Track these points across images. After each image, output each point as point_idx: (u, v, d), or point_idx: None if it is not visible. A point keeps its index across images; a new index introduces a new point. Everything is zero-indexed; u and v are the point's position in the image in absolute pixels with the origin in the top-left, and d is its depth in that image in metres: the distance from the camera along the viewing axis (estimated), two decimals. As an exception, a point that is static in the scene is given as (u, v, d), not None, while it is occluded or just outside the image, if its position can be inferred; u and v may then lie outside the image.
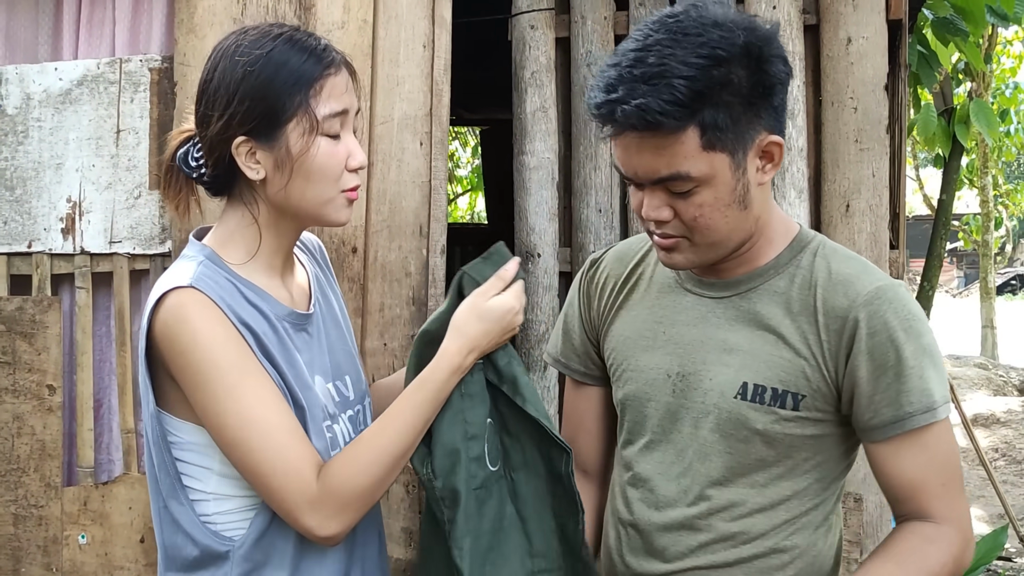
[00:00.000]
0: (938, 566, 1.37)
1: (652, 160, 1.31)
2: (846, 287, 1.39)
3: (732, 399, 1.42)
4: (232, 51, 1.49)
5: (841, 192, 2.25)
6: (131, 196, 2.64)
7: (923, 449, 1.38)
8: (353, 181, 1.51)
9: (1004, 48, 12.58)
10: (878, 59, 2.24)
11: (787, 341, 1.40)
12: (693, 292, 1.50)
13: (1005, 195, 15.08)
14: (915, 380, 1.35)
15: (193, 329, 1.39)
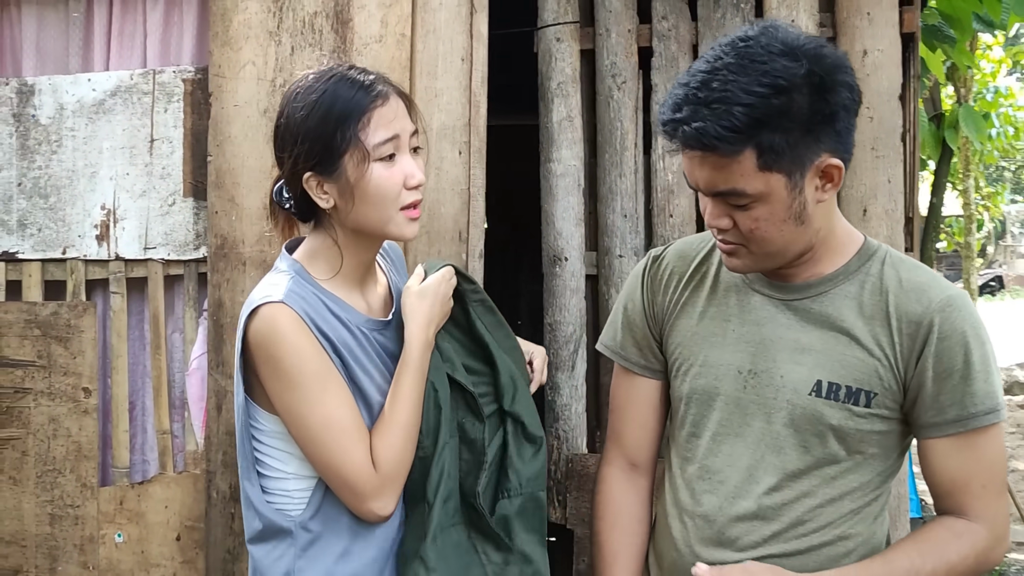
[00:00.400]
0: (957, 558, 1.47)
1: (711, 175, 1.41)
2: (919, 294, 1.49)
3: (807, 396, 1.50)
4: (292, 98, 1.67)
5: (859, 198, 2.35)
6: (165, 203, 2.72)
7: (973, 450, 1.48)
8: (411, 198, 1.65)
9: (984, 52, 12.76)
10: (892, 71, 2.34)
11: (860, 342, 1.49)
12: (762, 293, 1.57)
13: (986, 197, 15.31)
14: (980, 383, 1.46)
15: (283, 342, 1.58)
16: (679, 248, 1.73)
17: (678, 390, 1.66)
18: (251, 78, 2.54)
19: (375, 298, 1.78)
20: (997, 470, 1.51)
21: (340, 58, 2.44)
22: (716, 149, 1.37)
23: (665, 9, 2.46)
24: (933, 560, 1.47)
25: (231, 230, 2.57)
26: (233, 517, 2.58)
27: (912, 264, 1.56)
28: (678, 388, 1.65)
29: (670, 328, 1.68)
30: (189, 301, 2.74)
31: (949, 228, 14.29)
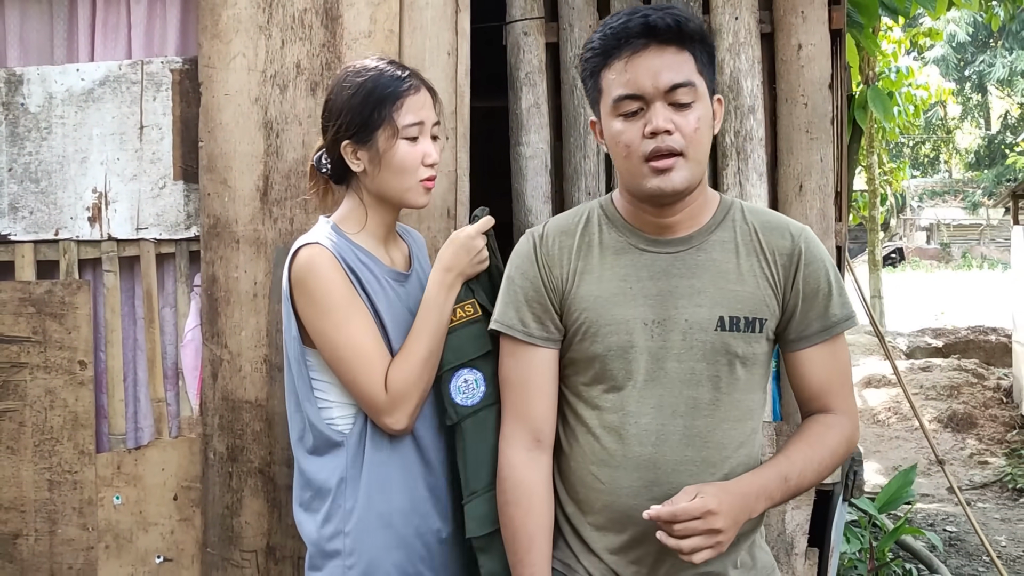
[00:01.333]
0: (835, 443, 1.77)
1: (668, 70, 1.65)
2: (781, 231, 1.79)
3: (713, 332, 1.73)
4: (341, 79, 2.07)
5: (795, 175, 2.66)
6: (156, 186, 2.89)
7: (833, 355, 1.80)
8: (427, 173, 2.05)
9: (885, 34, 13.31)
10: (823, 62, 2.65)
11: (745, 278, 1.76)
12: (649, 251, 1.76)
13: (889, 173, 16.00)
14: (836, 297, 1.78)
15: (318, 274, 1.94)
16: (557, 224, 1.88)
17: (587, 351, 1.78)
18: (241, 69, 2.73)
19: (398, 256, 2.14)
20: (848, 370, 1.82)
21: (330, 52, 2.65)
22: (680, 35, 1.65)
23: (622, 6, 2.73)
24: (820, 449, 1.76)
25: (224, 210, 2.77)
26: (231, 476, 2.79)
27: (761, 208, 1.88)
28: (587, 349, 1.78)
29: (572, 297, 1.80)
30: (181, 278, 2.92)
31: (855, 203, 14.92)
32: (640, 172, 1.69)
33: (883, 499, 4.43)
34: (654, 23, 1.65)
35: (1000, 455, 8.34)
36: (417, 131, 2.01)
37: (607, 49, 1.68)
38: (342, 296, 1.93)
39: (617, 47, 1.66)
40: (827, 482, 2.66)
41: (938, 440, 8.77)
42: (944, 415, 9.10)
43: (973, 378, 10.00)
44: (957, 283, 23.80)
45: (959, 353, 11.56)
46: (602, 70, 1.70)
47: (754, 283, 1.75)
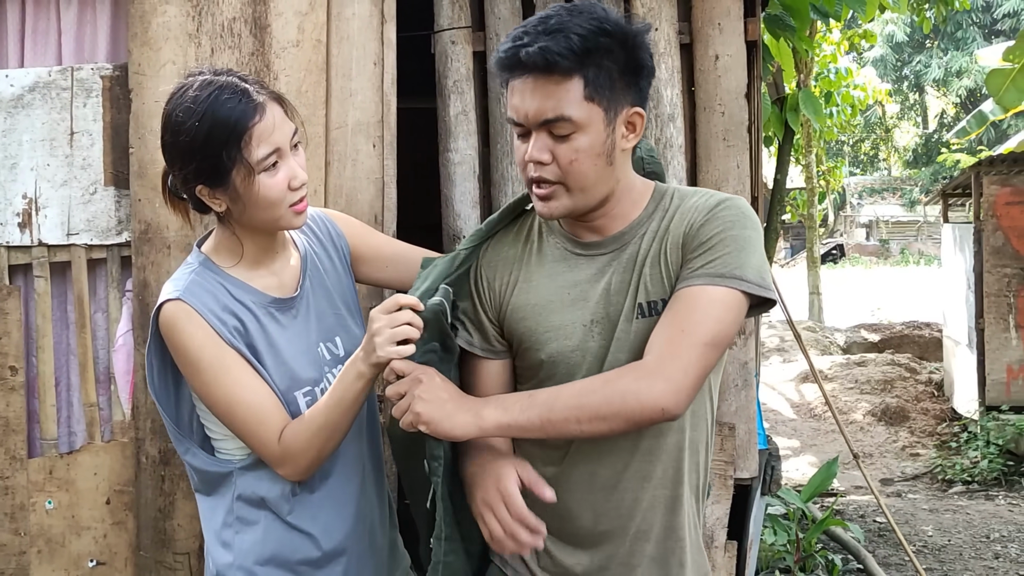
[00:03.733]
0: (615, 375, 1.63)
1: (542, 102, 1.61)
2: (700, 204, 1.72)
3: (635, 320, 1.71)
4: (174, 115, 1.83)
5: (713, 181, 2.76)
6: (87, 192, 2.91)
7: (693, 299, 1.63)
8: (296, 196, 1.86)
9: (824, 36, 13.57)
10: (739, 72, 2.74)
11: (661, 260, 1.71)
12: (584, 254, 1.77)
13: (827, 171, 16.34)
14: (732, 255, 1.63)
15: (182, 334, 1.82)
16: (498, 237, 1.89)
17: (533, 359, 1.79)
18: (172, 76, 2.76)
19: (287, 276, 1.99)
20: (705, 326, 1.60)
21: (259, 60, 2.69)
22: (555, 67, 1.56)
23: (546, 16, 2.81)
24: (591, 378, 1.66)
25: (155, 216, 2.79)
26: (163, 479, 2.82)
27: (693, 189, 1.81)
28: (532, 357, 1.79)
29: (507, 308, 1.82)
30: (112, 283, 2.94)
31: (794, 201, 15.21)
32: (531, 193, 1.72)
33: (809, 491, 4.57)
34: (523, 59, 1.59)
35: (931, 447, 8.58)
36: (275, 157, 1.81)
37: (499, 71, 1.66)
38: (209, 353, 1.82)
39: (503, 71, 1.65)
40: (745, 476, 2.76)
41: (872, 433, 9.01)
42: (878, 409, 9.33)
43: (906, 372, 10.26)
44: (895, 279, 24.31)
45: (894, 348, 11.85)
46: (501, 84, 1.71)
47: (666, 262, 1.71)
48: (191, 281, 1.86)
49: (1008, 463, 7.50)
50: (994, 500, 7.00)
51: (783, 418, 9.64)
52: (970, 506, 6.83)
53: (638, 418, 1.60)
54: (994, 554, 5.67)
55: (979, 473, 7.50)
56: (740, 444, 2.74)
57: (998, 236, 8.06)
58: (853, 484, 7.51)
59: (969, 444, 8.09)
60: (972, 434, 8.17)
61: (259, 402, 1.84)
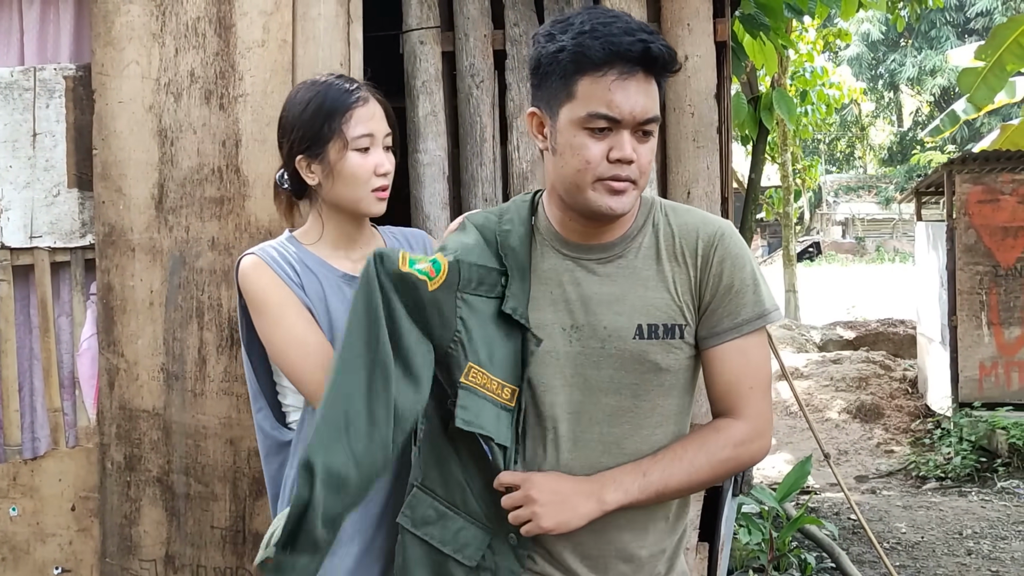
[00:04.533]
0: (716, 447, 1.70)
1: (647, 101, 1.62)
2: (697, 233, 1.75)
3: (632, 340, 1.71)
4: (292, 96, 2.14)
5: (683, 182, 2.75)
6: (50, 194, 2.86)
7: (744, 354, 1.71)
8: (379, 183, 2.08)
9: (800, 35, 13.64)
10: (709, 73, 2.73)
11: (665, 285, 1.73)
12: (572, 256, 1.75)
13: (803, 170, 16.41)
14: (750, 295, 1.71)
15: (252, 280, 2.03)
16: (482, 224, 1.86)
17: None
18: (135, 76, 2.72)
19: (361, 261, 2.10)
20: (762, 373, 1.74)
21: (224, 61, 2.65)
22: (671, 68, 1.64)
23: (516, 17, 2.78)
24: (693, 449, 1.69)
25: (119, 219, 2.75)
26: (129, 485, 2.78)
27: (682, 208, 1.83)
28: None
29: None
30: (76, 286, 2.90)
31: (770, 199, 15.27)
32: (590, 188, 1.66)
33: (783, 490, 4.58)
34: (656, 54, 1.60)
35: (905, 444, 8.64)
36: (368, 142, 2.05)
37: (596, 60, 1.59)
38: (276, 297, 2.01)
39: (607, 62, 1.59)
40: (716, 479, 2.75)
41: (847, 430, 9.05)
42: (853, 406, 9.38)
43: (881, 370, 10.32)
44: (871, 276, 24.46)
45: (869, 345, 11.92)
46: (580, 76, 1.62)
47: (673, 289, 1.73)
48: (268, 246, 2.10)
49: (981, 459, 7.56)
50: (967, 496, 7.05)
51: (759, 416, 9.66)
52: (943, 502, 6.88)
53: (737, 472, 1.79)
54: (966, 550, 5.70)
55: (952, 470, 7.55)
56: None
57: (970, 234, 8.11)
58: (828, 481, 7.54)
59: (942, 441, 8.15)
60: (945, 431, 8.23)
61: (316, 342, 1.99)
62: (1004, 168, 8.14)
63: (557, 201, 1.76)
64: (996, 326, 8.12)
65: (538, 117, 1.72)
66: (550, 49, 1.64)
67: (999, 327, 8.12)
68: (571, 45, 1.61)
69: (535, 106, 1.72)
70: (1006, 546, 5.77)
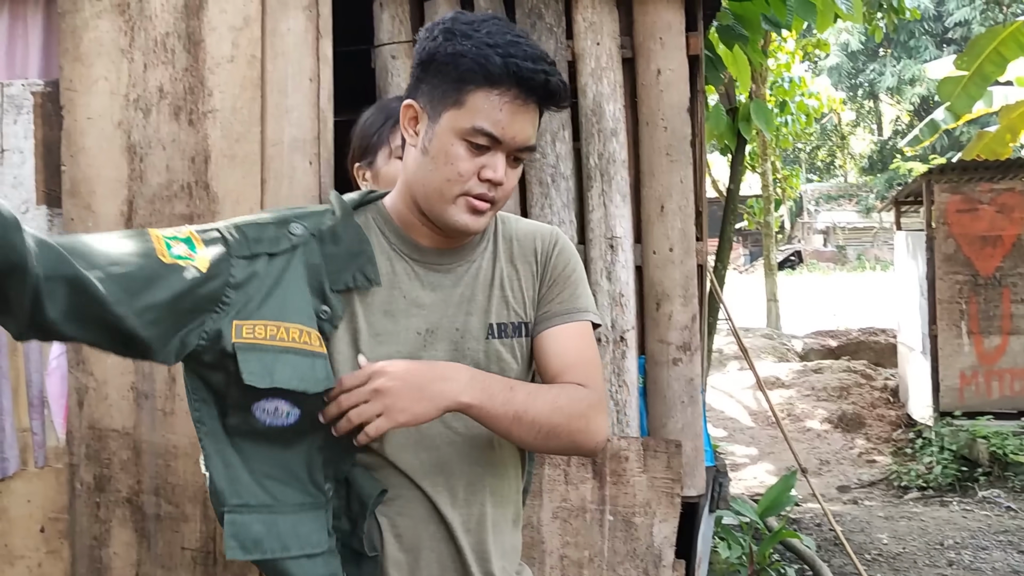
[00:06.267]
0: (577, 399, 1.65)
1: (531, 130, 1.61)
2: (534, 236, 1.77)
3: (485, 340, 1.70)
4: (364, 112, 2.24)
5: (656, 196, 2.74)
6: (18, 212, 2.82)
7: (580, 338, 1.73)
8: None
9: (780, 45, 13.71)
10: (682, 87, 2.73)
11: (509, 284, 1.73)
12: (422, 261, 1.70)
13: (783, 179, 16.47)
14: (582, 289, 1.76)
15: None
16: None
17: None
18: (104, 92, 2.69)
19: None
20: (596, 364, 1.74)
21: (193, 76, 2.63)
22: (561, 104, 1.62)
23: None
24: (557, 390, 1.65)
25: (88, 236, 2.72)
26: (99, 506, 2.74)
27: (514, 217, 1.84)
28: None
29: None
30: (45, 304, 2.86)
31: (751, 208, 15.31)
32: (453, 201, 1.61)
33: (765, 504, 4.56)
34: (553, 89, 1.58)
35: (887, 453, 8.65)
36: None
37: (495, 77, 1.55)
38: None
39: (505, 82, 1.55)
40: (692, 494, 2.74)
41: (829, 440, 9.06)
42: (834, 416, 9.39)
43: (862, 379, 10.34)
44: (852, 285, 24.55)
45: (851, 354, 11.94)
46: (475, 87, 1.57)
47: (518, 288, 1.74)
48: None
49: (962, 469, 7.57)
50: (948, 506, 7.06)
51: (741, 426, 9.67)
52: (925, 512, 6.88)
53: (580, 444, 1.66)
54: (948, 561, 5.70)
55: (934, 479, 7.55)
56: (687, 461, 2.72)
57: (950, 243, 8.14)
58: (810, 492, 7.53)
59: (924, 450, 8.16)
60: (927, 440, 8.24)
61: None
62: (982, 178, 8.19)
63: (409, 202, 1.68)
64: (976, 335, 8.15)
65: (415, 111, 1.64)
66: (448, 49, 1.57)
67: (979, 336, 8.15)
68: (473, 54, 1.55)
69: (414, 99, 1.64)
70: (987, 556, 5.77)
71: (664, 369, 2.75)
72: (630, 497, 2.69)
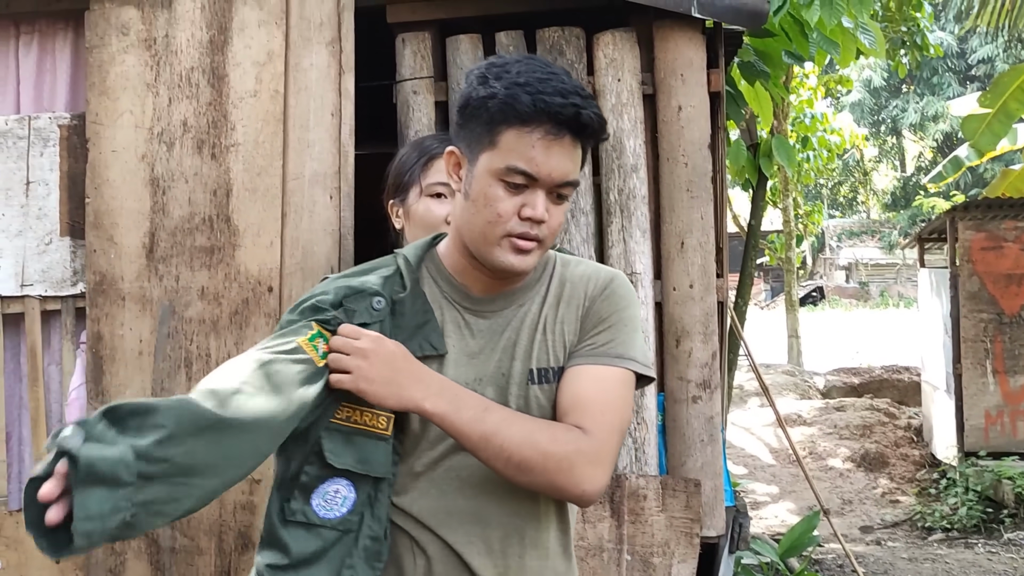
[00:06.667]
0: (561, 440, 1.57)
1: (569, 165, 1.57)
2: (588, 279, 1.70)
3: (527, 385, 1.65)
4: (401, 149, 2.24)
5: (677, 232, 2.73)
6: (42, 242, 2.85)
7: (602, 381, 1.63)
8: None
9: (801, 81, 13.70)
10: (703, 123, 2.73)
11: (557, 329, 1.68)
12: (473, 309, 1.68)
13: (805, 215, 16.41)
14: (626, 336, 1.65)
15: None
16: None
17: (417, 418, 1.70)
18: (129, 126, 2.72)
19: None
20: (618, 410, 1.63)
21: (216, 111, 2.65)
22: (599, 136, 1.59)
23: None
24: (540, 426, 1.59)
25: (110, 267, 2.74)
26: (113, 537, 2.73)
27: (575, 259, 1.79)
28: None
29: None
30: (67, 335, 2.88)
31: (771, 244, 15.26)
32: (497, 243, 1.61)
33: (786, 544, 4.50)
34: (586, 121, 1.56)
35: (911, 493, 8.52)
36: (442, 190, 2.08)
37: (524, 115, 1.55)
38: None
39: (536, 119, 1.55)
40: (711, 534, 2.70)
41: (851, 479, 8.94)
42: (857, 454, 9.27)
43: (885, 417, 10.22)
44: (875, 322, 24.37)
45: (873, 392, 11.81)
46: (506, 127, 1.57)
47: (560, 332, 1.68)
48: None
49: (987, 510, 7.44)
50: (973, 548, 6.93)
51: (761, 463, 9.57)
52: (949, 554, 6.76)
53: (560, 489, 1.58)
54: (972, 605, 5.60)
55: (958, 520, 7.43)
56: (706, 501, 2.69)
57: (974, 281, 8.07)
58: (832, 532, 7.43)
59: (948, 491, 8.03)
60: (951, 480, 8.11)
61: None
62: (1007, 215, 8.11)
63: (460, 247, 1.69)
64: (1001, 374, 8.04)
65: (457, 157, 1.64)
66: (481, 93, 1.58)
67: (1004, 375, 8.05)
68: (503, 94, 1.55)
69: (456, 145, 1.65)
70: (1012, 600, 5.67)
71: (683, 407, 2.72)
72: (648, 536, 2.66)
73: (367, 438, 1.60)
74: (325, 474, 1.58)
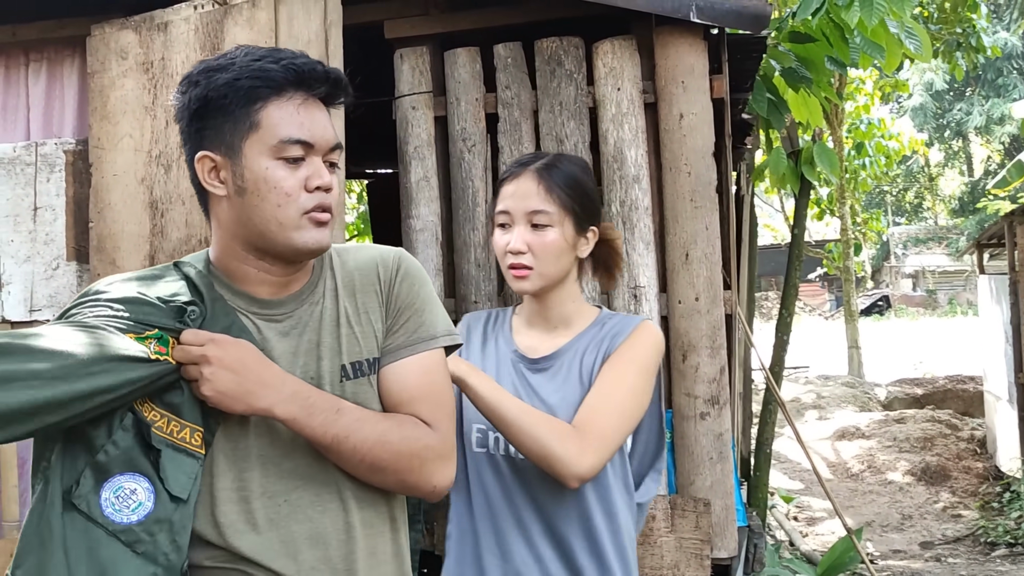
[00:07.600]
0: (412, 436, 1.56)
1: (331, 127, 1.54)
2: (375, 263, 1.64)
3: (340, 384, 1.58)
4: None
5: (681, 243, 2.65)
6: (50, 268, 2.87)
7: (427, 371, 1.62)
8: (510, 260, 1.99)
9: (857, 87, 13.45)
10: (706, 131, 2.65)
11: (357, 320, 1.61)
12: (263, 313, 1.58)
13: (863, 223, 16.09)
14: (429, 314, 1.63)
15: None
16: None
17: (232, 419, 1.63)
18: (128, 149, 2.73)
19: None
20: (449, 397, 1.64)
21: (210, 131, 2.65)
22: (347, 92, 1.56)
23: (508, 79, 2.74)
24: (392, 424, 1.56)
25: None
26: None
27: (352, 245, 1.72)
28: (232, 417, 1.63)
29: None
30: (75, 359, 2.89)
31: (830, 253, 14.98)
32: (296, 224, 1.53)
33: (825, 564, 4.35)
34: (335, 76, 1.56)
35: (973, 508, 8.25)
36: (505, 219, 1.99)
37: (279, 83, 1.51)
38: None
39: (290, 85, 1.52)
40: (723, 556, 2.60)
41: (912, 493, 8.68)
42: (917, 468, 9.01)
43: (947, 429, 9.92)
44: (941, 330, 23.76)
45: (937, 403, 11.49)
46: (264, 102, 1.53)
47: (367, 321, 1.62)
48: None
49: (1053, 525, 7.18)
50: (1037, 564, 6.68)
51: (818, 478, 9.34)
52: (1012, 571, 6.51)
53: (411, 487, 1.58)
54: (1034, 624, 5.37)
55: (1023, 535, 7.17)
56: (717, 521, 2.59)
57: (1034, 287, 7.80)
58: (891, 548, 7.22)
59: (1012, 504, 7.75)
60: (1016, 493, 7.83)
61: None
62: (1067, 218, 7.84)
63: (235, 252, 1.59)
64: (1065, 382, 7.77)
65: (210, 160, 1.54)
66: (218, 83, 1.51)
67: (1068, 384, 7.77)
68: (248, 72, 1.51)
69: (205, 151, 1.54)
70: (1077, 619, 5.43)
71: (691, 424, 2.63)
72: (657, 558, 2.57)
73: (176, 451, 1.45)
74: (131, 459, 1.40)
